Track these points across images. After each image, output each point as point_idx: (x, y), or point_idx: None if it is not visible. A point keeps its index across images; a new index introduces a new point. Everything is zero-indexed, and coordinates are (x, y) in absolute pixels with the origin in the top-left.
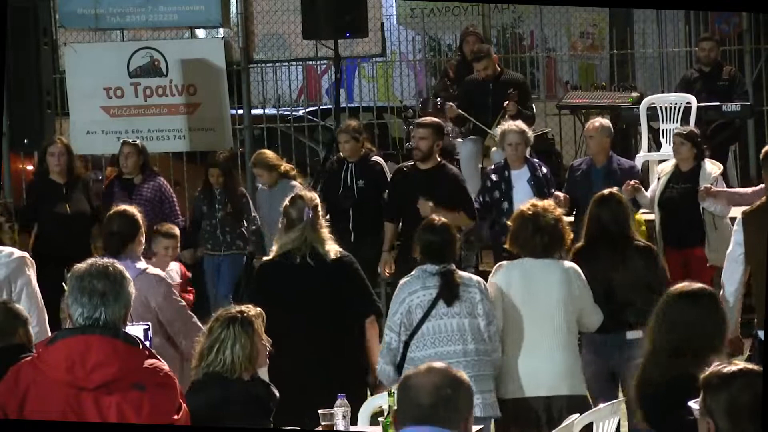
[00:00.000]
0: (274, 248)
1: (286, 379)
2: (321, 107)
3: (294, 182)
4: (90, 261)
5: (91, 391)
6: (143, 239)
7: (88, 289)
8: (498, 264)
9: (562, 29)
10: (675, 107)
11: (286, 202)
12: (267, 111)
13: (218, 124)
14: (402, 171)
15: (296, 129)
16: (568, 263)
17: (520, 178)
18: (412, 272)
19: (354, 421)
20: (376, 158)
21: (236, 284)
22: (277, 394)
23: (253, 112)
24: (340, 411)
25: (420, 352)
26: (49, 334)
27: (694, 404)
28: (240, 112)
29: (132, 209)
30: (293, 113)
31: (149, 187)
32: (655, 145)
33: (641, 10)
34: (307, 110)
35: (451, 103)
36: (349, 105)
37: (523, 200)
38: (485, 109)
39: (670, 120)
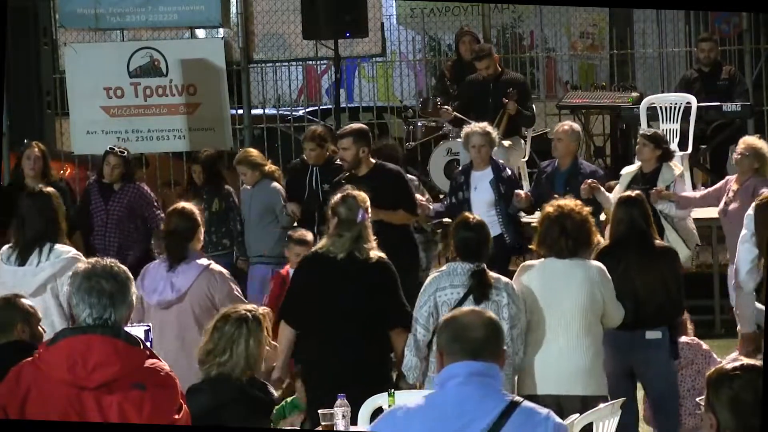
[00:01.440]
0: (320, 243)
1: (318, 376)
2: (321, 107)
3: (275, 183)
4: (93, 260)
5: (92, 391)
6: (202, 236)
7: (96, 289)
8: (523, 263)
9: (562, 29)
10: (675, 107)
11: (336, 199)
12: (267, 111)
13: (218, 124)
14: (338, 184)
15: (296, 129)
16: (593, 262)
17: (483, 178)
18: (443, 267)
19: (354, 421)
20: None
21: None
22: (275, 395)
23: (253, 112)
24: (340, 411)
25: None
26: None
27: (700, 401)
28: (240, 112)
29: (190, 206)
30: (293, 113)
31: (127, 191)
32: None
33: (641, 10)
34: (307, 110)
35: (447, 107)
36: (349, 105)
37: (485, 201)
38: (485, 109)
39: (670, 120)
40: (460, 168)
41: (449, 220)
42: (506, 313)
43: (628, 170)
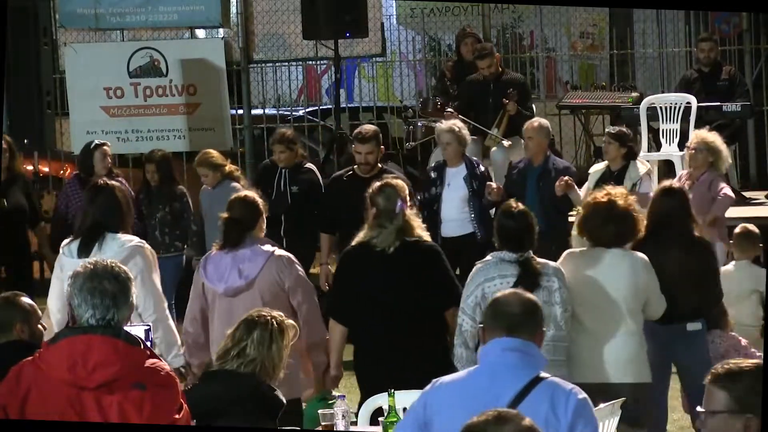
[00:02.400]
0: (361, 234)
1: (377, 370)
2: (321, 107)
3: (236, 183)
4: (92, 261)
5: (93, 391)
6: (264, 225)
7: (99, 290)
8: (566, 252)
9: (562, 29)
10: (675, 107)
11: (374, 189)
12: (267, 111)
13: (218, 124)
14: (340, 180)
15: (296, 129)
16: (636, 253)
17: (457, 175)
18: (488, 257)
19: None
20: (309, 165)
21: (177, 287)
22: (284, 402)
23: (253, 112)
24: (340, 411)
25: None
26: (170, 323)
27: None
28: (240, 112)
29: (252, 194)
30: (293, 113)
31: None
32: (655, 145)
33: (641, 10)
34: (307, 110)
35: (450, 109)
36: (349, 105)
37: (458, 197)
38: (485, 109)
39: (670, 120)
40: (433, 164)
41: None
42: (558, 297)
43: (596, 168)
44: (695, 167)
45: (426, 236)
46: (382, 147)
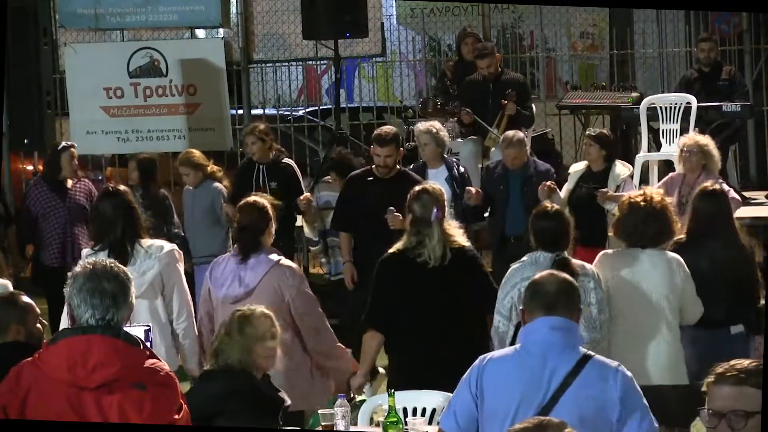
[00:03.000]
0: (400, 242)
1: (419, 377)
2: (321, 107)
3: (217, 184)
4: (91, 261)
5: (92, 391)
6: (273, 230)
7: (99, 291)
8: (601, 252)
9: (562, 29)
10: (675, 107)
11: (411, 195)
12: (267, 111)
13: (218, 124)
14: (358, 180)
15: (296, 129)
16: (672, 254)
17: (438, 176)
18: (524, 258)
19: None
20: (288, 160)
21: None
22: (288, 402)
23: (253, 112)
24: (340, 411)
25: None
26: (196, 330)
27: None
28: (240, 112)
29: (262, 200)
30: (293, 113)
31: (80, 190)
32: (655, 145)
33: (641, 10)
34: (307, 110)
35: (467, 109)
36: (349, 105)
37: None
38: (485, 109)
39: (670, 120)
40: (413, 166)
41: None
42: (593, 298)
43: (576, 168)
44: (689, 170)
45: (465, 242)
46: (401, 149)
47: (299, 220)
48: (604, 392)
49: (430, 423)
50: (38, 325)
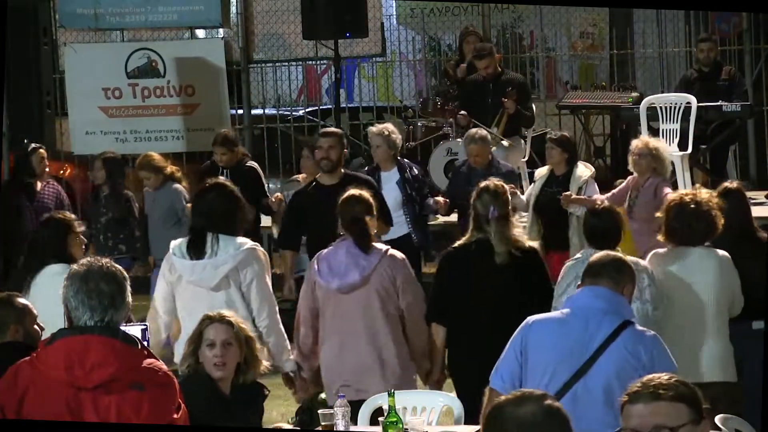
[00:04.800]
0: (463, 238)
1: (470, 373)
2: (321, 107)
3: (177, 185)
4: (87, 261)
5: (90, 391)
6: (375, 222)
7: (96, 292)
8: (652, 252)
9: (562, 29)
10: (675, 107)
11: (475, 193)
12: (267, 111)
13: (218, 124)
14: (302, 194)
15: (296, 129)
16: (721, 252)
17: (390, 179)
18: (577, 255)
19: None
20: (251, 163)
21: None
22: (267, 393)
23: (253, 112)
24: (340, 411)
25: None
26: (281, 328)
27: None
28: (240, 112)
29: (366, 194)
30: (293, 113)
31: (48, 194)
32: None
33: (641, 10)
34: (307, 110)
35: (463, 112)
36: (349, 105)
37: (392, 201)
38: (485, 109)
39: (670, 120)
40: (366, 168)
41: None
42: (648, 294)
43: (541, 172)
44: (639, 173)
45: (524, 239)
46: (345, 150)
47: (265, 221)
48: (637, 355)
49: (429, 423)
50: (36, 326)
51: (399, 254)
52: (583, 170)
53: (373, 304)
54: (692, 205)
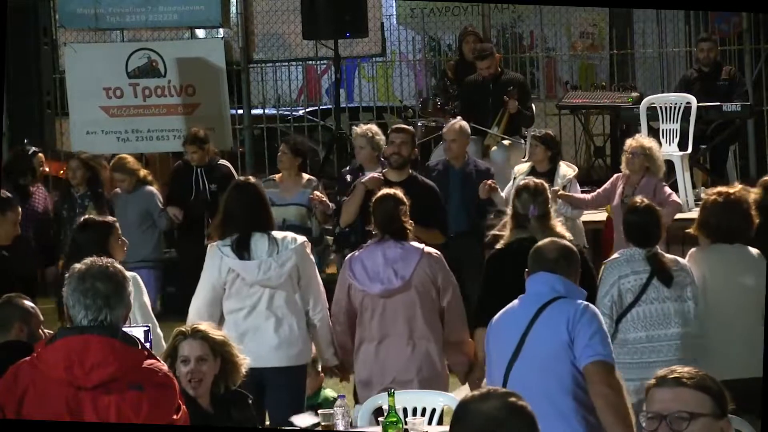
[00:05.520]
0: (505, 237)
1: None
2: (321, 107)
3: (150, 188)
4: (89, 261)
5: (90, 391)
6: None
7: (91, 291)
8: (692, 250)
9: (562, 29)
10: (675, 107)
11: (514, 192)
12: (267, 111)
13: (218, 124)
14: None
15: (296, 129)
16: (754, 249)
17: None
18: (615, 255)
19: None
20: (223, 161)
21: None
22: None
23: (253, 112)
24: (339, 411)
25: (632, 334)
26: (330, 321)
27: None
28: (240, 112)
29: (399, 193)
30: (293, 113)
31: (39, 198)
32: None
33: (641, 10)
34: (307, 110)
35: (459, 117)
36: (349, 105)
37: None
38: (485, 109)
39: (670, 120)
40: (347, 168)
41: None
42: (690, 293)
43: (521, 168)
44: (632, 171)
45: (569, 237)
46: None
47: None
48: (565, 328)
49: (430, 423)
50: (41, 331)
51: (436, 252)
52: (567, 169)
53: (414, 305)
54: (726, 204)
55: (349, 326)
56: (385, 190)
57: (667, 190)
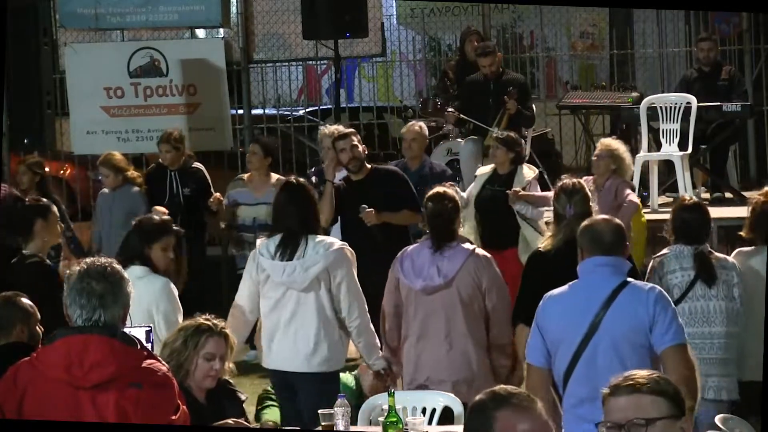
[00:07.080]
0: (546, 241)
1: None
2: (321, 107)
3: (137, 189)
4: (88, 261)
5: (89, 390)
6: (461, 220)
7: (86, 291)
8: (736, 251)
9: (562, 29)
10: (675, 107)
11: (553, 194)
12: (267, 111)
13: (218, 124)
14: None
15: (296, 129)
16: None
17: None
18: (664, 251)
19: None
20: (197, 165)
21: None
22: (243, 398)
23: (253, 112)
24: (340, 411)
25: None
26: (372, 327)
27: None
28: (240, 112)
29: (451, 191)
30: (293, 113)
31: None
32: (656, 145)
33: (641, 10)
34: (307, 110)
35: (451, 109)
36: (349, 105)
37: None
38: (485, 108)
39: (670, 120)
40: (313, 169)
41: None
42: (737, 292)
43: (482, 171)
44: (598, 174)
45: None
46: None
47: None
48: (636, 313)
49: (430, 423)
50: (38, 328)
51: (485, 254)
52: (528, 171)
53: (455, 305)
54: None
55: (398, 324)
56: (437, 189)
57: (627, 190)
